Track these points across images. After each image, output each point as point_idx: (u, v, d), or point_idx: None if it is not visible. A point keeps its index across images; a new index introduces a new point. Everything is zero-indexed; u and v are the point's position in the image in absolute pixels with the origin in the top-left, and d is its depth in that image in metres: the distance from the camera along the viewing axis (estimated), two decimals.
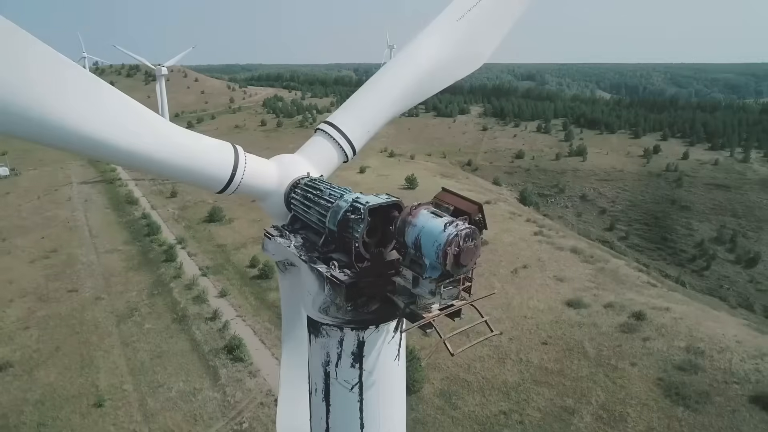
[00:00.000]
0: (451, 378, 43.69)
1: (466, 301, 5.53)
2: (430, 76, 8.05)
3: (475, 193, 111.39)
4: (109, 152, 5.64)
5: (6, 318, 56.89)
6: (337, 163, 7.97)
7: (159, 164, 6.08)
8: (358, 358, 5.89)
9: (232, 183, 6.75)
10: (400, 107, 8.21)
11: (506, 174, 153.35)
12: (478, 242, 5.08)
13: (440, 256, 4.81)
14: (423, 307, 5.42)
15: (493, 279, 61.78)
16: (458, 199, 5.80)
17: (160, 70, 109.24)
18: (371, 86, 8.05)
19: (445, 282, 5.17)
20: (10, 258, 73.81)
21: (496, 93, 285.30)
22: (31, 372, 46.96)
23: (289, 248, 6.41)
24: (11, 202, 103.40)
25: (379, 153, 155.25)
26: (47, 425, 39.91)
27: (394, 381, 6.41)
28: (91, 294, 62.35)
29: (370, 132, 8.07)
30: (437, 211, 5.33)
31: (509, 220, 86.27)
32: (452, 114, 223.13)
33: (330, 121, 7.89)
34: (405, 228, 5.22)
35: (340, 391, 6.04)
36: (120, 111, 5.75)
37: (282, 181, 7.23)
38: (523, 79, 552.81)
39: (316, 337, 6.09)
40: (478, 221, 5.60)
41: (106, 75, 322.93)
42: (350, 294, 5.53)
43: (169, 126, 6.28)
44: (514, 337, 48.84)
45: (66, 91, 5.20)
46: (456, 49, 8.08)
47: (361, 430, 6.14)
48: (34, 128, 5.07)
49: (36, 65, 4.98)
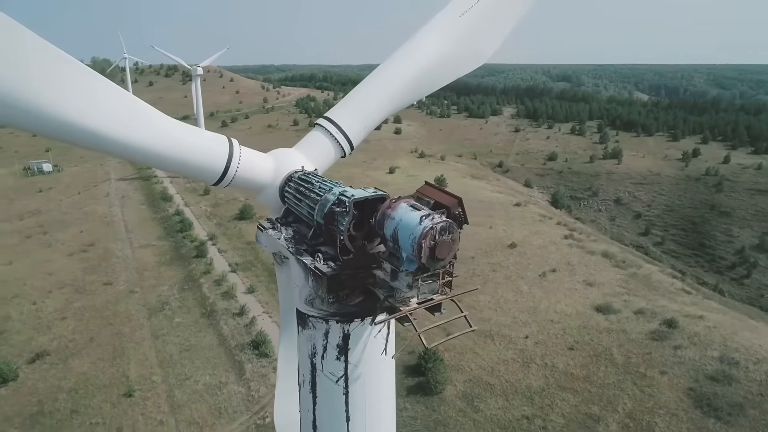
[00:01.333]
0: (474, 380, 43.33)
1: (446, 296, 5.48)
2: (430, 73, 8.01)
3: (505, 194, 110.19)
4: (106, 144, 5.83)
5: (45, 308, 59.10)
6: (334, 158, 8.01)
7: (154, 156, 6.25)
8: (343, 350, 5.92)
9: (227, 175, 6.88)
10: (399, 104, 8.19)
11: (538, 176, 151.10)
12: (456, 236, 5.04)
13: (415, 248, 4.79)
14: (401, 301, 5.39)
15: (520, 282, 61.04)
16: (439, 192, 5.77)
17: (195, 70, 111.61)
18: (370, 82, 8.05)
19: (422, 276, 5.11)
20: (51, 251, 76.65)
21: (530, 94, 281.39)
22: (66, 361, 48.65)
23: (279, 240, 6.50)
24: (53, 197, 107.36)
25: (410, 153, 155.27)
26: (80, 413, 41.29)
27: (381, 375, 6.42)
28: (125, 287, 64.20)
29: (368, 128, 8.08)
30: (417, 205, 5.31)
31: (539, 223, 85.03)
32: (484, 115, 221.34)
33: (328, 116, 7.94)
34: (384, 221, 5.23)
35: (327, 383, 6.08)
36: (116, 104, 5.92)
37: (277, 174, 7.33)
38: (559, 80, 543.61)
39: (304, 329, 6.16)
40: (457, 215, 5.55)
41: (146, 75, 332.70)
42: (332, 286, 5.57)
43: (164, 119, 6.44)
44: (540, 342, 48.11)
45: (63, 84, 5.40)
46: (457, 47, 8.02)
47: (346, 423, 6.18)
48: (33, 120, 5.29)
49: (34, 60, 5.18)
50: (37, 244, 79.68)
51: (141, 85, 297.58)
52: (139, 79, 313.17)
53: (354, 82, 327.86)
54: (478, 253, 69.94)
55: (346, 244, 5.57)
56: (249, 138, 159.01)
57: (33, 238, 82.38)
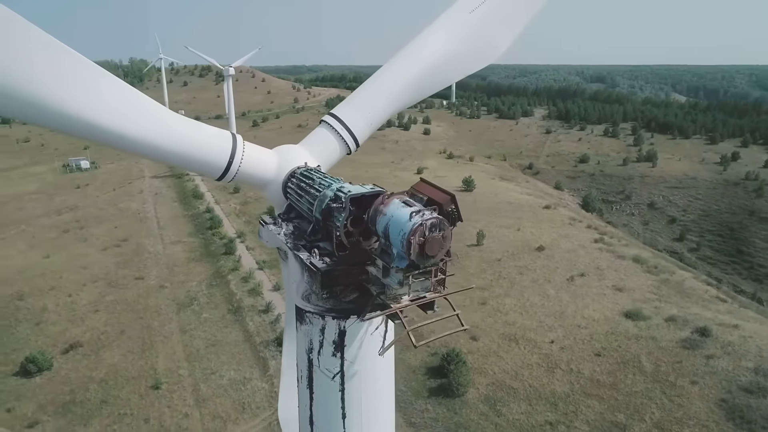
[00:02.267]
0: (497, 384, 42.86)
1: (439, 294, 5.39)
2: (437, 71, 7.92)
3: (535, 197, 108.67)
4: (108, 137, 5.96)
5: (79, 301, 61.00)
6: (339, 155, 8.02)
7: (157, 150, 6.36)
8: (339, 347, 5.91)
9: (230, 170, 6.96)
10: (405, 101, 8.13)
11: (569, 178, 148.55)
12: (447, 233, 4.95)
13: (404, 245, 4.74)
14: (393, 298, 5.34)
15: (547, 286, 60.11)
16: (433, 189, 5.70)
17: (227, 70, 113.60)
18: (376, 80, 8.02)
19: (413, 273, 5.05)
20: (86, 245, 79.09)
21: (562, 95, 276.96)
22: (98, 352, 50.11)
23: (279, 236, 6.54)
24: (90, 193, 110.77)
25: (438, 154, 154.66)
26: (109, 403, 42.47)
27: (378, 373, 6.38)
28: (156, 282, 65.75)
29: (373, 125, 8.06)
30: (409, 201, 5.25)
31: (568, 226, 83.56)
32: (515, 116, 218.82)
33: (334, 113, 7.95)
34: (377, 217, 5.20)
35: (323, 379, 6.09)
36: (119, 98, 6.05)
37: (280, 170, 7.38)
38: (592, 81, 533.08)
39: (301, 325, 6.18)
40: (450, 212, 5.47)
41: (181, 75, 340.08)
42: (325, 281, 5.58)
43: (167, 113, 6.54)
44: (566, 347, 47.27)
45: (67, 78, 5.55)
46: (465, 44, 7.90)
47: (342, 420, 6.17)
48: (38, 113, 5.46)
49: (38, 53, 5.33)
50: (74, 238, 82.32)
51: (176, 85, 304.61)
52: (174, 79, 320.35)
53: None
54: (504, 255, 69.20)
55: (343, 240, 5.56)
56: (279, 137, 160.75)
57: (70, 232, 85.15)
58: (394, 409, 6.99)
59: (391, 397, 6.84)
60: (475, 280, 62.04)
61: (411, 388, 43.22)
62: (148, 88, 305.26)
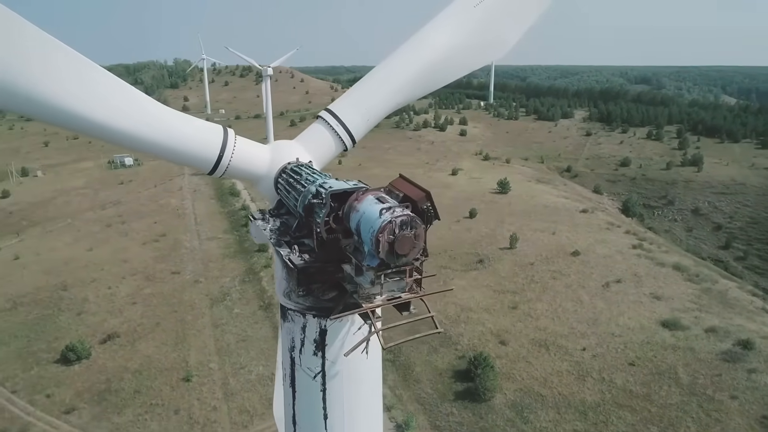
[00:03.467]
0: (525, 390, 42.05)
1: (414, 295, 5.19)
2: (439, 65, 7.67)
3: (572, 200, 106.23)
4: (101, 131, 6.05)
5: (118, 293, 63.08)
6: (334, 151, 7.89)
7: (147, 143, 6.41)
8: (320, 346, 5.81)
9: (220, 164, 6.95)
10: (405, 97, 7.90)
11: (608, 182, 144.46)
12: (420, 232, 4.75)
13: (373, 243, 4.59)
14: (365, 297, 5.15)
15: (581, 292, 58.67)
16: (410, 186, 5.51)
17: (266, 70, 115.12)
18: (374, 75, 7.83)
19: (385, 272, 4.88)
20: (127, 239, 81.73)
21: (604, 97, 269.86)
22: (134, 343, 51.67)
23: (265, 231, 6.49)
24: (133, 189, 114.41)
25: (474, 156, 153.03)
26: (141, 393, 43.72)
27: (361, 374, 6.23)
28: (191, 277, 67.36)
29: (370, 121, 7.89)
30: (383, 197, 5.09)
31: (606, 231, 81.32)
32: (554, 118, 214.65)
33: (330, 108, 7.84)
34: (350, 213, 5.07)
35: (305, 378, 6.00)
36: (111, 92, 6.13)
37: (273, 165, 7.33)
38: (637, 83, 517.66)
39: (284, 322, 6.12)
40: (425, 210, 5.27)
41: (222, 75, 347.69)
42: (302, 278, 5.48)
43: (157, 107, 6.58)
44: (598, 355, 46.00)
45: (61, 73, 5.66)
46: (469, 38, 7.63)
47: (324, 420, 6.06)
48: (33, 107, 5.59)
49: (33, 49, 5.47)
50: (116, 232, 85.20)
51: (217, 85, 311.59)
52: (216, 79, 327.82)
53: None
54: (538, 259, 67.92)
55: (323, 237, 5.45)
56: None
57: (112, 227, 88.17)
58: (381, 413, 6.82)
59: (378, 400, 6.69)
60: (506, 284, 61.15)
61: (437, 391, 42.88)
62: (191, 87, 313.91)
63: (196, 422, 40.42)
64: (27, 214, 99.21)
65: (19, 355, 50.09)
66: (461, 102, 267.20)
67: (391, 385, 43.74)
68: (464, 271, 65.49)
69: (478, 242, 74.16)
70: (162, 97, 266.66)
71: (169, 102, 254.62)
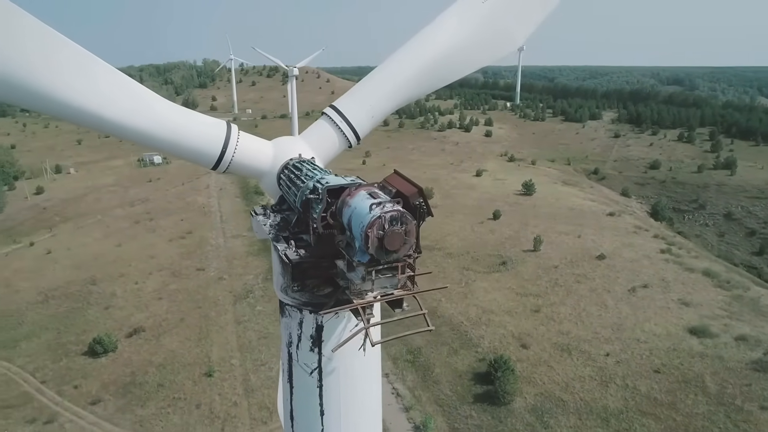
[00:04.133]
0: (545, 394, 41.46)
1: (407, 292, 5.12)
2: (448, 61, 7.58)
3: (598, 203, 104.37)
4: (103, 125, 6.14)
5: (145, 288, 64.44)
6: (338, 148, 7.87)
7: (149, 138, 6.50)
8: (316, 342, 5.80)
9: (223, 160, 7.00)
10: (410, 94, 7.83)
11: (637, 185, 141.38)
12: (411, 227, 4.67)
13: (362, 238, 4.55)
14: (357, 293, 5.12)
15: (606, 296, 57.59)
16: (403, 181, 5.44)
17: (292, 70, 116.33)
18: (379, 72, 7.77)
19: (376, 268, 4.82)
20: (154, 236, 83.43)
21: (634, 98, 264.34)
22: (158, 338, 52.70)
23: (264, 226, 6.52)
24: (161, 187, 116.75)
25: (499, 157, 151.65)
26: (165, 386, 44.55)
27: (357, 371, 6.19)
28: (215, 274, 68.38)
29: (375, 118, 7.84)
30: (376, 193, 5.03)
31: (633, 235, 79.61)
32: (582, 119, 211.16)
33: (335, 105, 7.83)
34: (343, 208, 5.04)
35: (302, 374, 6.00)
36: (112, 86, 6.21)
37: (276, 161, 7.36)
38: (669, 84, 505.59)
39: (282, 317, 6.13)
40: (417, 206, 5.20)
41: (249, 75, 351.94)
42: (296, 273, 5.48)
43: (160, 102, 6.65)
44: (622, 361, 45.07)
45: (62, 66, 5.76)
46: (478, 33, 7.54)
47: (321, 417, 6.05)
48: (35, 100, 5.71)
49: (35, 43, 5.56)
50: (144, 229, 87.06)
51: (245, 85, 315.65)
52: (243, 79, 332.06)
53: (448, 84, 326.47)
54: (562, 262, 66.91)
55: (319, 232, 5.44)
56: None
57: (140, 223, 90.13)
58: (380, 412, 6.77)
59: (377, 398, 6.64)
60: (529, 286, 60.42)
61: (456, 393, 42.60)
62: (219, 87, 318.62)
63: (217, 417, 40.99)
64: (59, 210, 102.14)
65: (49, 347, 51.59)
66: (487, 103, 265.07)
67: (410, 386, 43.63)
68: (487, 273, 64.94)
69: (501, 244, 73.47)
70: (191, 96, 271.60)
71: (198, 101, 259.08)
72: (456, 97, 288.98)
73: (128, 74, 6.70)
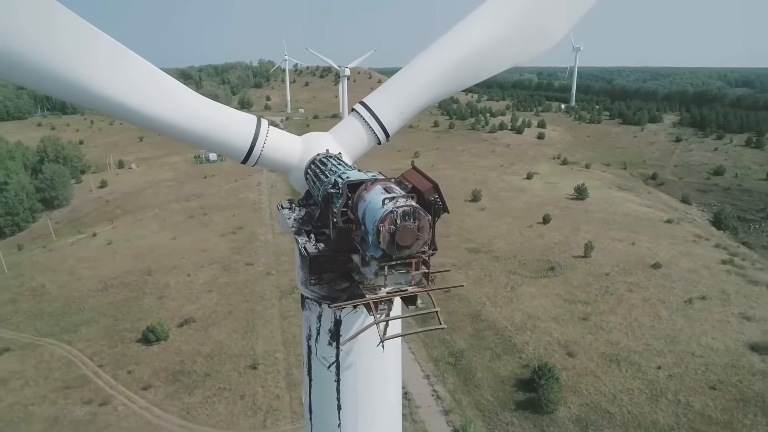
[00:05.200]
0: (591, 405, 40.15)
1: (421, 289, 5.01)
2: (479, 57, 7.40)
3: (656, 209, 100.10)
4: (133, 116, 6.33)
5: (196, 281, 66.74)
6: (366, 144, 7.82)
7: (179, 131, 6.66)
8: (335, 336, 5.81)
9: (252, 154, 7.12)
10: (441, 91, 7.68)
11: (699, 192, 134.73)
12: (424, 223, 4.58)
13: (374, 233, 4.50)
14: (370, 288, 5.03)
15: (660, 307, 55.15)
16: (419, 177, 5.34)
17: (343, 71, 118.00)
18: (410, 68, 7.64)
19: (389, 263, 4.75)
20: (207, 231, 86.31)
21: (698, 100, 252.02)
22: (207, 329, 54.47)
23: (289, 220, 6.59)
24: (215, 183, 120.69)
25: (551, 160, 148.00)
26: (211, 377, 46.00)
27: (376, 367, 6.15)
28: (264, 269, 70.00)
29: (404, 115, 7.75)
30: (391, 188, 4.97)
31: (692, 244, 75.90)
32: (641, 122, 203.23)
33: (364, 101, 7.80)
34: (359, 203, 5.00)
35: (320, 367, 6.02)
36: (144, 79, 6.37)
37: (304, 156, 7.42)
38: (737, 86, 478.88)
39: (303, 310, 6.17)
40: (432, 202, 5.08)
41: (303, 76, 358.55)
42: (313, 267, 5.49)
43: (191, 96, 6.79)
44: (675, 375, 43.06)
45: (95, 58, 5.94)
46: (511, 29, 7.33)
47: (338, 411, 6.05)
48: (65, 90, 5.91)
49: (68, 34, 5.74)
50: (197, 223, 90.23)
51: (298, 85, 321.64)
52: (297, 79, 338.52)
53: (500, 85, 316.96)
54: (614, 270, 64.58)
55: (339, 226, 5.43)
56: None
57: (195, 218, 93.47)
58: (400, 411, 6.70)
59: (396, 396, 6.58)
60: (578, 293, 58.68)
61: (497, 398, 41.89)
62: (273, 87, 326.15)
63: (260, 409, 41.95)
64: (121, 203, 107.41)
65: (106, 333, 54.30)
66: (540, 104, 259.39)
67: (450, 389, 43.24)
68: (534, 278, 63.52)
69: (550, 249, 71.68)
70: (245, 96, 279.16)
71: (252, 101, 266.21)
72: (508, 98, 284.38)
73: (188, 74, 6.95)
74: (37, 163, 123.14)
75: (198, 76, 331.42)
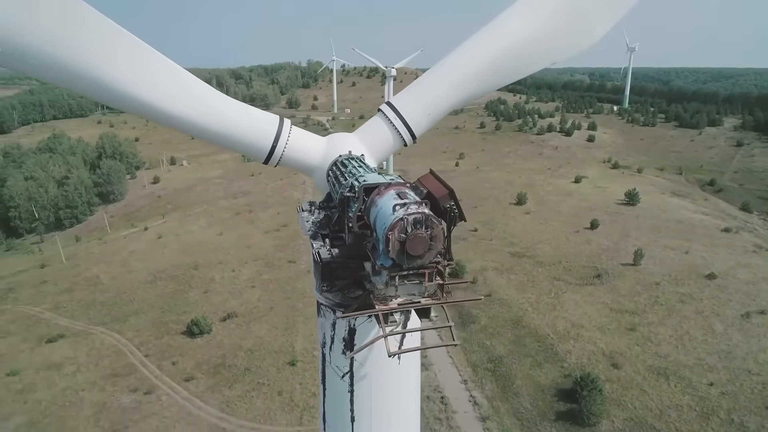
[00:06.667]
0: (636, 420, 38.53)
1: (435, 301, 4.67)
2: (513, 54, 7.02)
3: (712, 217, 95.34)
4: (154, 114, 6.32)
5: (240, 276, 68.21)
6: (392, 146, 7.55)
7: (200, 129, 6.60)
8: (349, 345, 5.59)
9: (274, 154, 6.99)
10: (471, 91, 7.28)
11: (761, 199, 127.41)
12: (437, 232, 4.27)
13: (383, 241, 4.22)
14: (381, 299, 4.73)
15: (714, 320, 52.42)
16: (435, 182, 5.00)
17: (389, 71, 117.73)
18: (439, 67, 7.32)
19: (400, 273, 4.45)
20: (252, 227, 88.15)
21: (762, 103, 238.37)
22: (249, 324, 55.53)
23: (307, 222, 6.42)
24: (261, 181, 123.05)
25: (601, 163, 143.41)
26: (251, 371, 46.82)
27: (393, 380, 5.88)
28: (305, 267, 70.70)
29: (432, 116, 7.42)
30: (405, 193, 4.66)
31: (752, 254, 71.78)
32: (698, 125, 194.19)
33: (391, 101, 7.53)
34: (371, 208, 4.73)
35: (333, 377, 5.83)
36: (166, 78, 6.34)
37: (327, 157, 7.24)
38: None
39: (318, 317, 5.99)
40: (447, 209, 4.74)
41: (350, 76, 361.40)
42: (325, 273, 5.28)
43: (214, 95, 6.71)
44: (729, 393, 40.77)
45: (116, 55, 5.93)
46: (548, 24, 6.92)
47: (351, 423, 5.82)
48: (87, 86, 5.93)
49: (90, 31, 5.75)
50: (243, 220, 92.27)
51: (345, 85, 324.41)
52: (344, 79, 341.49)
53: (549, 86, 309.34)
54: (665, 279, 61.85)
55: (354, 231, 5.19)
56: (434, 138, 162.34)
57: (241, 215, 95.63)
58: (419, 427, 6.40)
59: (414, 411, 6.30)
60: (625, 302, 56.50)
61: (537, 408, 40.81)
62: (321, 87, 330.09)
63: (296, 405, 42.39)
64: (172, 199, 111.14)
65: (153, 324, 56.20)
66: (592, 106, 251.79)
67: (488, 396, 42.42)
68: (579, 285, 61.60)
69: (597, 255, 69.36)
70: (294, 96, 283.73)
71: (300, 101, 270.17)
72: (558, 99, 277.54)
73: (239, 74, 6.90)
74: (95, 158, 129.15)
75: (248, 76, 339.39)
